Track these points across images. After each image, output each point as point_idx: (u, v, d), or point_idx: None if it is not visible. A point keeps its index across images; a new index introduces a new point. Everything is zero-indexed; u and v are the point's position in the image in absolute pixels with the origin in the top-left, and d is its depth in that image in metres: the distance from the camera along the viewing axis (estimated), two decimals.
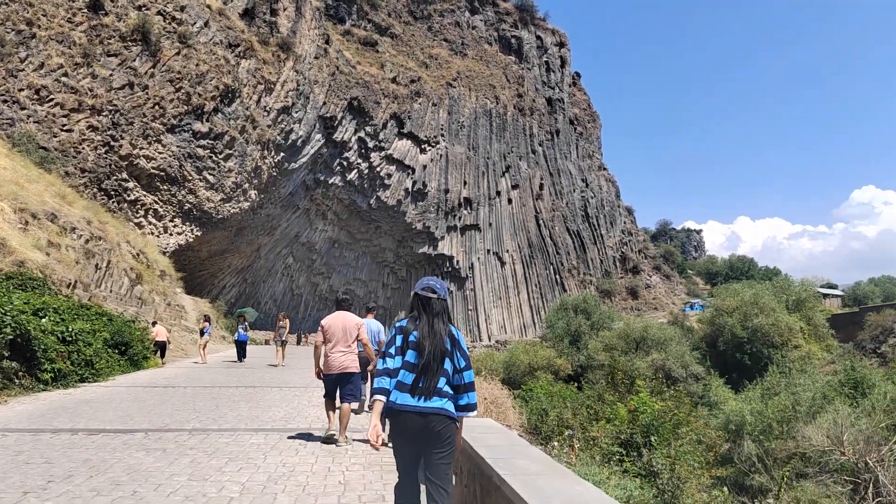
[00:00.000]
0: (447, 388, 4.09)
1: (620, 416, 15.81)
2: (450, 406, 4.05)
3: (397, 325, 4.35)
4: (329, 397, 8.29)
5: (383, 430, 4.07)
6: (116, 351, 16.64)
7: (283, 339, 23.30)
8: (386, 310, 69.18)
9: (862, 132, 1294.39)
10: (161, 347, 21.65)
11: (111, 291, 24.93)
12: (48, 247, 21.50)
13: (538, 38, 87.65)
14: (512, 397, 16.30)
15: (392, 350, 4.19)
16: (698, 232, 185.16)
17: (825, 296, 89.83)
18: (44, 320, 12.69)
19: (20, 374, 11.57)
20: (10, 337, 10.82)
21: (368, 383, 9.50)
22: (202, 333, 23.17)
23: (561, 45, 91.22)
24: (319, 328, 8.34)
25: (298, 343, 52.21)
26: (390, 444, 4.30)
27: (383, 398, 4.01)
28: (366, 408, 9.36)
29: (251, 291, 58.57)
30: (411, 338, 4.17)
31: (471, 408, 4.17)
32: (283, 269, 61.32)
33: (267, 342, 51.31)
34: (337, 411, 8.24)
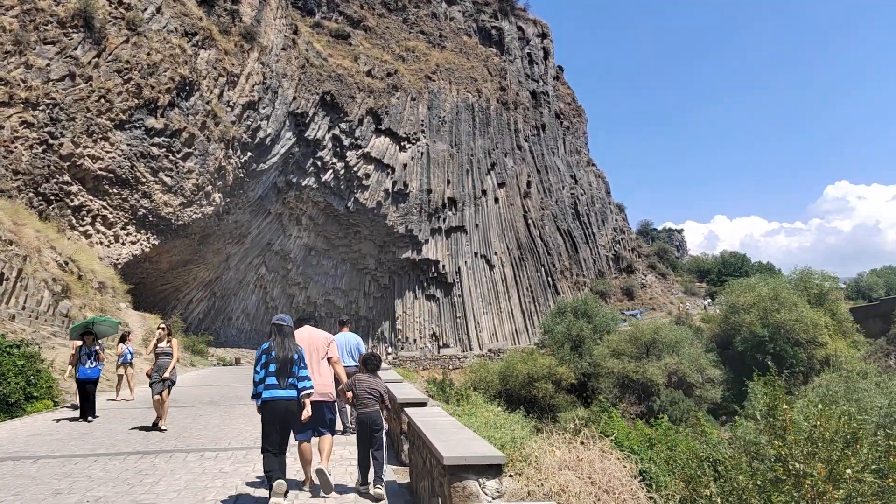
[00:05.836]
0: (295, 383, 6.60)
1: None
2: (296, 394, 6.60)
3: (261, 347, 6.79)
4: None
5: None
6: None
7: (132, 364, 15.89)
8: (368, 321, 64.46)
9: (833, 127, 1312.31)
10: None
11: (23, 308, 20.13)
12: None
13: (519, 28, 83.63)
14: (638, 479, 10.34)
15: (259, 367, 6.64)
16: (679, 231, 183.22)
17: None
18: None
19: None
20: None
21: (348, 407, 8.78)
22: (122, 360, 16.51)
23: (543, 35, 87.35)
24: None
25: None
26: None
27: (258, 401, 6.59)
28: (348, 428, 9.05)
29: (221, 306, 53.62)
30: (273, 354, 6.61)
31: (307, 388, 6.67)
32: (255, 280, 56.40)
33: (238, 361, 46.09)
34: (314, 447, 7.26)
